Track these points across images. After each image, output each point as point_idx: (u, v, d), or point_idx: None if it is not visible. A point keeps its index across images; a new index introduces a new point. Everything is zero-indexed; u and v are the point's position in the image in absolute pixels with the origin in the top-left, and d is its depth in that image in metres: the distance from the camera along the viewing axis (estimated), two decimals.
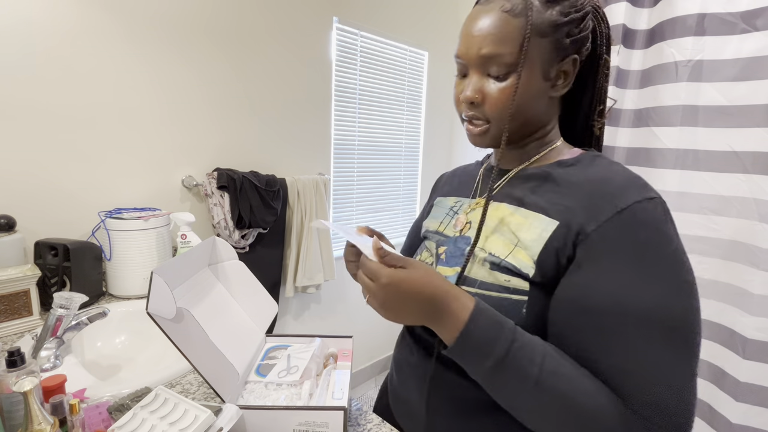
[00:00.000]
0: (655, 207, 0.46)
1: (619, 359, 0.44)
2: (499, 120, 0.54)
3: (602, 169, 0.52)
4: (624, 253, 0.45)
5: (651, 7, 1.25)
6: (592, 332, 0.45)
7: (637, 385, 0.43)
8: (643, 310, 0.43)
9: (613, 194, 0.47)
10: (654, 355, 0.43)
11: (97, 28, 1.15)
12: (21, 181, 1.08)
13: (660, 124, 1.22)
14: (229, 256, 0.83)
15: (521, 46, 0.50)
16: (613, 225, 0.46)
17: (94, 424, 0.59)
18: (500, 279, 0.51)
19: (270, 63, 1.56)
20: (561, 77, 0.54)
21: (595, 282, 0.45)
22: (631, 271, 0.44)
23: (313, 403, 0.64)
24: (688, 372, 0.43)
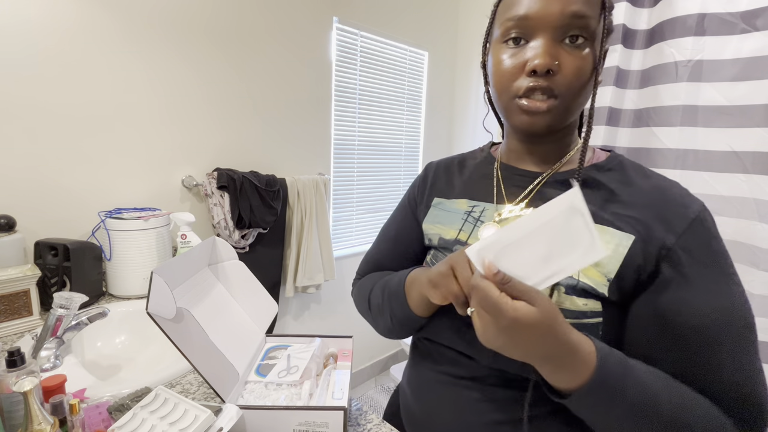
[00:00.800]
0: (710, 215, 0.48)
1: (728, 370, 0.44)
2: (571, 96, 0.48)
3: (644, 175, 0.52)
4: (706, 264, 0.45)
5: (651, 7, 1.24)
6: (696, 348, 0.44)
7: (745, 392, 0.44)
8: (738, 319, 0.44)
9: (677, 203, 0.47)
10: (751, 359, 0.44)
11: (97, 28, 1.15)
12: (21, 181, 1.08)
13: (660, 124, 1.21)
14: (229, 256, 0.83)
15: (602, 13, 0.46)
16: (690, 236, 0.46)
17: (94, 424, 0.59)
18: (578, 304, 0.46)
19: (270, 63, 1.56)
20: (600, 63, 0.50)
21: (691, 298, 0.44)
22: (718, 282, 0.45)
23: (313, 403, 0.64)
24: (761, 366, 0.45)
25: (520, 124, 0.51)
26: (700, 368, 0.44)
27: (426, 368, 0.62)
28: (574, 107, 0.50)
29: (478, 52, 2.19)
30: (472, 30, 2.24)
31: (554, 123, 0.50)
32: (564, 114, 0.50)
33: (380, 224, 2.19)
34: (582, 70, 0.47)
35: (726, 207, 1.13)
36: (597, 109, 1.30)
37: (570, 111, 0.50)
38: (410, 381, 0.66)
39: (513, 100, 0.50)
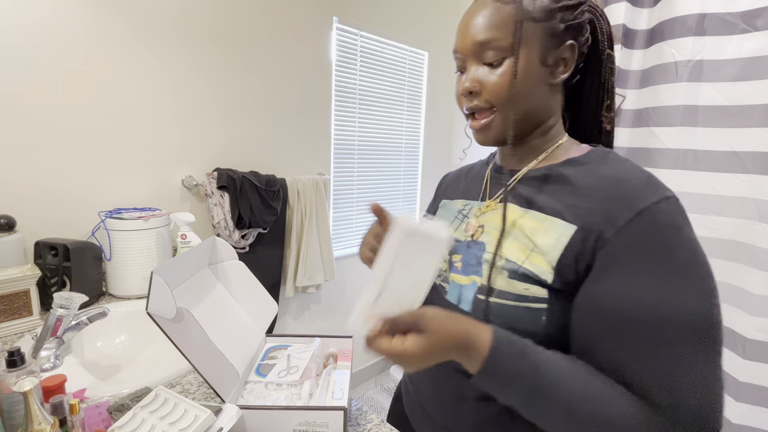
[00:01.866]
0: (671, 208, 0.45)
1: (655, 368, 0.42)
2: (502, 107, 0.53)
3: (615, 167, 0.51)
4: (647, 257, 0.44)
5: (651, 7, 1.25)
6: (623, 342, 0.44)
7: (675, 392, 0.42)
8: (674, 316, 0.42)
9: (630, 195, 0.46)
10: (688, 360, 0.42)
11: (98, 29, 1.15)
12: (21, 181, 1.08)
13: (660, 124, 1.22)
14: (229, 256, 0.83)
15: (515, 30, 0.50)
16: (633, 228, 0.44)
17: (94, 424, 0.59)
18: (519, 288, 0.50)
19: (270, 63, 1.56)
20: (560, 64, 0.53)
21: (621, 290, 0.44)
22: (657, 277, 0.43)
23: (313, 403, 0.64)
24: (718, 374, 0.43)
25: (476, 140, 0.59)
26: (624, 362, 0.44)
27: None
28: (513, 116, 0.53)
29: None
30: None
31: (500, 134, 0.55)
32: (507, 124, 0.54)
33: None
34: (501, 85, 0.52)
35: (726, 207, 1.13)
36: None
37: (510, 121, 0.54)
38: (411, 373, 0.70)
39: (467, 119, 0.58)
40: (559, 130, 0.59)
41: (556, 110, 0.58)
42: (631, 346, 0.43)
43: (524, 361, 0.45)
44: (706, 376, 0.42)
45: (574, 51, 0.53)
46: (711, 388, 0.42)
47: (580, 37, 0.53)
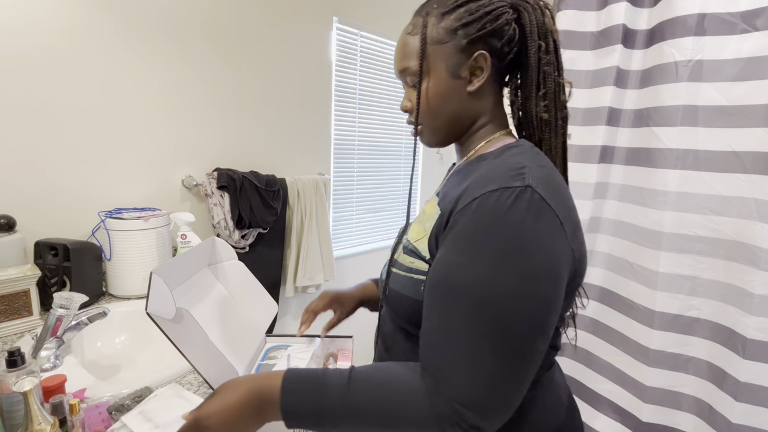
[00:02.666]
0: (504, 196, 0.46)
1: (427, 325, 0.50)
2: (424, 121, 0.62)
3: (500, 161, 0.54)
4: (461, 237, 0.49)
5: (651, 7, 1.24)
6: (425, 305, 0.51)
7: (430, 350, 0.48)
8: (459, 286, 0.46)
9: (480, 184, 0.49)
10: (458, 327, 0.46)
11: (97, 27, 1.15)
12: (21, 181, 1.08)
13: (660, 124, 1.21)
14: (229, 256, 0.83)
15: (419, 57, 0.58)
16: (463, 212, 0.49)
17: (94, 424, 0.59)
18: (407, 261, 0.58)
19: (270, 63, 1.56)
20: (476, 72, 0.58)
21: (437, 261, 0.51)
22: (462, 253, 0.48)
23: None
24: (489, 361, 0.44)
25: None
26: (422, 330, 0.51)
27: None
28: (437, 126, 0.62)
29: None
30: None
31: (431, 141, 0.65)
32: (433, 133, 0.63)
33: (380, 224, 2.20)
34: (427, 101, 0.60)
35: (726, 207, 1.13)
36: (597, 109, 1.30)
37: (436, 129, 0.63)
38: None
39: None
40: (490, 129, 0.63)
41: (485, 111, 0.62)
42: (426, 306, 0.51)
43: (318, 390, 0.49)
44: (475, 361, 0.45)
45: (486, 58, 0.57)
46: (478, 373, 0.44)
47: (496, 41, 0.57)
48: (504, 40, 0.57)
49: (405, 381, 0.49)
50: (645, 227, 1.24)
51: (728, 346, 1.14)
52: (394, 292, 0.59)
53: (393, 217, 2.24)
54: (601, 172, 1.32)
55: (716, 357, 1.17)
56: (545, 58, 0.59)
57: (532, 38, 0.59)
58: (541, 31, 0.59)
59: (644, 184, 1.25)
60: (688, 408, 1.22)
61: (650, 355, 1.23)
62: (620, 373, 1.32)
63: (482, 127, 0.63)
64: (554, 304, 0.47)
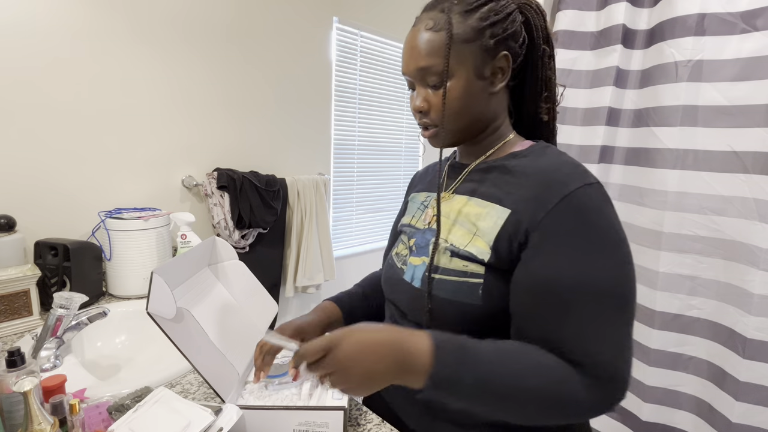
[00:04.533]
0: (594, 191, 0.52)
1: (576, 331, 0.49)
2: (446, 122, 0.59)
3: (551, 159, 0.57)
4: (572, 235, 0.50)
5: (651, 7, 1.24)
6: (551, 309, 0.50)
7: (593, 351, 0.48)
8: (592, 285, 0.49)
9: (558, 182, 0.52)
10: (603, 323, 0.49)
11: (97, 29, 1.15)
12: (21, 181, 1.08)
13: (660, 124, 1.21)
14: (229, 256, 0.83)
15: (446, 56, 0.55)
16: (560, 210, 0.50)
17: (94, 424, 0.59)
18: (459, 265, 0.56)
19: (270, 63, 1.56)
20: (498, 73, 0.58)
21: (551, 264, 0.50)
22: (580, 251, 0.50)
23: (313, 403, 0.64)
24: (629, 333, 0.50)
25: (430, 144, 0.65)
26: (551, 326, 0.50)
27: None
28: (459, 127, 0.60)
29: None
30: None
31: (448, 142, 0.63)
32: (453, 134, 0.61)
33: (380, 224, 2.21)
34: (441, 105, 0.57)
35: (726, 207, 1.13)
36: (596, 109, 1.30)
37: (457, 130, 0.60)
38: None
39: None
40: (505, 128, 0.64)
41: (501, 111, 0.63)
42: (556, 311, 0.50)
43: (463, 361, 0.48)
44: (619, 337, 0.49)
45: (509, 59, 0.57)
46: (623, 347, 0.49)
47: (514, 43, 0.57)
48: (518, 42, 0.58)
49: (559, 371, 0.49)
50: (645, 227, 1.24)
51: (728, 345, 1.14)
52: (443, 300, 0.56)
53: (393, 216, 2.24)
54: (600, 172, 1.32)
55: (716, 356, 1.17)
56: (549, 63, 0.61)
57: (538, 42, 0.60)
58: (544, 35, 0.60)
59: (644, 184, 1.25)
60: (688, 407, 1.22)
61: (650, 355, 1.24)
62: None
63: (498, 129, 0.63)
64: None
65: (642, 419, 1.26)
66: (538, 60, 0.61)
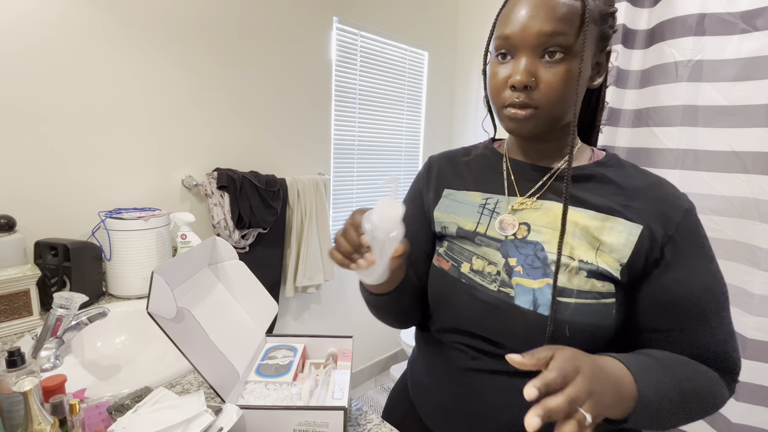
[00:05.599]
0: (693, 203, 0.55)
1: (712, 333, 0.53)
2: (549, 106, 0.52)
3: (644, 172, 0.58)
4: (699, 248, 0.53)
5: (651, 7, 1.25)
6: (691, 319, 0.52)
7: (731, 352, 0.54)
8: (720, 293, 0.53)
9: (673, 196, 0.54)
10: (728, 323, 0.54)
11: (98, 28, 1.15)
12: (21, 181, 1.08)
13: (660, 124, 1.22)
14: (230, 256, 0.83)
15: (580, 28, 0.49)
16: (686, 225, 0.53)
17: (94, 424, 0.59)
18: (597, 286, 0.52)
19: (270, 63, 1.56)
20: (598, 69, 0.55)
21: (687, 277, 0.52)
22: (706, 263, 0.53)
23: (313, 403, 0.64)
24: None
25: (507, 129, 0.57)
26: (695, 335, 0.53)
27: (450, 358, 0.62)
28: (557, 115, 0.53)
29: (478, 51, 2.19)
30: (472, 30, 2.24)
31: (537, 129, 0.54)
32: (547, 121, 0.54)
33: None
34: (559, 84, 0.50)
35: (726, 207, 1.13)
36: None
37: (554, 118, 0.54)
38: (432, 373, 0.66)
39: (501, 108, 0.55)
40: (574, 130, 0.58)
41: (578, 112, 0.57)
42: (701, 321, 0.52)
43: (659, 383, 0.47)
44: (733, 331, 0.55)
45: (609, 57, 0.56)
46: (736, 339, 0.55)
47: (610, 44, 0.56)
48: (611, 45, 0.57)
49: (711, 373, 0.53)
50: None
51: None
52: (582, 325, 0.50)
53: None
54: None
55: None
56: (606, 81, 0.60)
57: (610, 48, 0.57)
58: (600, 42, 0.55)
59: None
60: None
61: None
62: None
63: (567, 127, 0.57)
64: None
65: None
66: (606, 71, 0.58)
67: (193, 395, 0.58)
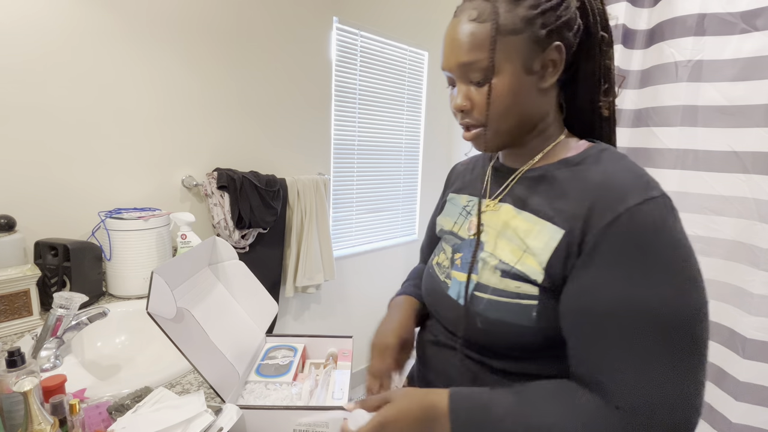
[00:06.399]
0: (654, 208, 0.45)
1: (616, 366, 0.45)
2: (493, 123, 0.54)
3: (606, 168, 0.51)
4: (621, 257, 0.45)
5: (651, 7, 1.25)
6: (592, 336, 0.46)
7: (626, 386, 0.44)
8: (639, 315, 0.43)
9: (613, 198, 0.47)
10: (646, 357, 0.43)
11: (97, 28, 1.15)
12: (21, 181, 1.08)
13: (660, 124, 1.22)
14: (230, 256, 0.83)
15: (491, 50, 0.50)
16: (611, 230, 0.45)
17: (94, 424, 0.59)
18: (511, 286, 0.52)
19: (270, 63, 1.56)
20: (549, 66, 0.53)
21: (595, 287, 0.46)
22: (628, 275, 0.44)
23: (313, 402, 0.64)
24: (687, 375, 0.43)
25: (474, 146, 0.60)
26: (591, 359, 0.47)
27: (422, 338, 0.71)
28: (507, 127, 0.55)
29: None
30: None
31: (492, 144, 0.57)
32: (500, 135, 0.56)
33: (380, 224, 2.20)
34: (495, 100, 0.53)
35: (726, 207, 1.13)
36: None
37: (507, 131, 0.55)
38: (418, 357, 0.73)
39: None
40: (556, 128, 0.58)
41: (550, 109, 0.57)
42: (596, 339, 0.46)
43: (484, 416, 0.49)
44: (671, 376, 0.43)
45: (562, 50, 0.52)
46: (676, 388, 0.43)
47: (568, 32, 0.52)
48: (573, 30, 0.53)
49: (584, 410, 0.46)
50: None
51: (728, 345, 1.14)
52: (495, 320, 0.53)
53: (393, 216, 2.24)
54: None
55: (716, 356, 1.17)
56: (608, 51, 0.56)
57: (596, 29, 0.54)
58: (603, 20, 0.54)
59: None
60: None
61: None
62: None
63: (547, 128, 0.58)
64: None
65: None
66: (596, 48, 0.55)
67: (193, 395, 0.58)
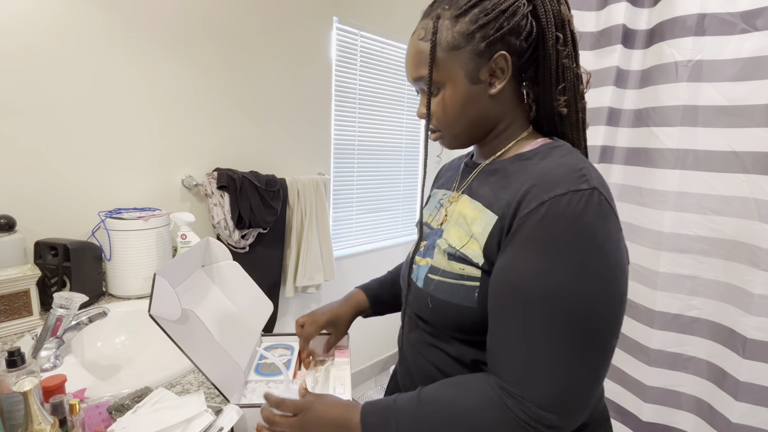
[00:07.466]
0: (575, 199, 0.47)
1: (502, 333, 0.49)
2: (447, 127, 0.60)
3: (551, 162, 0.53)
4: (533, 242, 0.48)
5: (651, 7, 1.24)
6: (495, 312, 0.50)
7: (510, 364, 0.48)
8: (538, 292, 0.46)
9: (543, 188, 0.49)
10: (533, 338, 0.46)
11: (96, 27, 1.15)
12: (21, 181, 1.08)
13: (660, 124, 1.21)
14: (224, 257, 0.83)
15: (429, 68, 0.55)
16: (531, 216, 0.48)
17: (94, 424, 0.59)
18: (456, 268, 0.56)
19: (270, 63, 1.56)
20: (497, 75, 0.56)
21: (504, 267, 0.50)
22: (538, 258, 0.47)
23: None
24: (571, 362, 0.46)
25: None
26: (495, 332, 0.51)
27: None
28: (461, 131, 0.60)
29: None
30: None
31: (454, 145, 0.63)
32: (455, 138, 0.62)
33: (380, 224, 2.20)
34: (443, 111, 0.58)
35: (726, 207, 1.13)
36: (597, 109, 1.30)
37: (459, 134, 0.61)
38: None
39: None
40: (518, 127, 0.61)
41: (509, 110, 0.60)
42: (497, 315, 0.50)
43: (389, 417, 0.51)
44: (553, 361, 0.45)
45: (507, 58, 0.54)
46: (556, 373, 0.46)
47: (515, 39, 0.54)
48: (522, 36, 0.54)
49: (476, 393, 0.49)
50: (645, 227, 1.24)
51: (728, 345, 1.14)
52: (441, 301, 0.57)
53: (393, 216, 2.24)
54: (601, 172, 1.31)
55: (716, 356, 1.17)
56: (564, 50, 0.57)
57: (549, 30, 0.55)
58: (558, 21, 0.56)
59: (644, 184, 1.25)
60: (688, 407, 1.22)
61: (650, 355, 1.24)
62: (620, 372, 1.32)
63: (507, 128, 0.61)
64: (625, 301, 0.49)
65: (642, 419, 1.26)
66: (550, 49, 0.56)
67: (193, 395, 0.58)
